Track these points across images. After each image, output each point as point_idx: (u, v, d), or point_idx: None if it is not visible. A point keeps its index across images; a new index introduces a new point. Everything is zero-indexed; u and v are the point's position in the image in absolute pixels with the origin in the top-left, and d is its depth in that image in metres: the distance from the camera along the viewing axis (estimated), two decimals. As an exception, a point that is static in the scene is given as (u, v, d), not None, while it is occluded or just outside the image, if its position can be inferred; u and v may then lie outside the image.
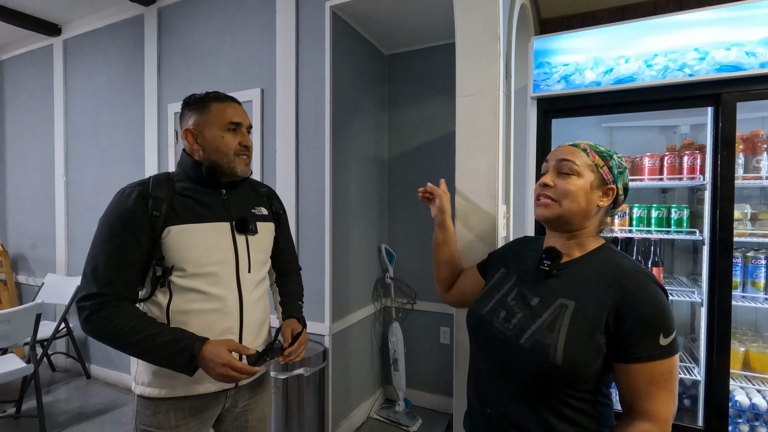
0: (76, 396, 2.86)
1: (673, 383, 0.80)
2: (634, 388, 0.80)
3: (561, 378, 0.82)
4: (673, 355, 0.79)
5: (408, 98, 2.78)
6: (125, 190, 1.04)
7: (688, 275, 2.18)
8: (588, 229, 0.92)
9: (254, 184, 1.29)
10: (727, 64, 1.58)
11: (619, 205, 0.95)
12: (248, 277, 1.14)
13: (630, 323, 0.79)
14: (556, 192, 0.90)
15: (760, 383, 1.77)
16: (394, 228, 2.84)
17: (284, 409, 2.06)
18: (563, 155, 0.92)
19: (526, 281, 0.96)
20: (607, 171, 0.90)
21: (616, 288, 0.82)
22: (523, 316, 0.89)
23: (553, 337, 0.82)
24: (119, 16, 2.89)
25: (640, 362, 0.79)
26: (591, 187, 0.89)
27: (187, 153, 1.13)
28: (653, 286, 0.82)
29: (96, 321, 0.96)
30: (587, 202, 0.89)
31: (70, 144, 3.20)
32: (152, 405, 1.06)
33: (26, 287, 3.53)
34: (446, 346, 2.69)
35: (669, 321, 0.80)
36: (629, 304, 0.80)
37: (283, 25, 2.28)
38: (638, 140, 2.27)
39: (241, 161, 1.13)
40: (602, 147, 0.94)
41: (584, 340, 0.81)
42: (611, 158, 0.91)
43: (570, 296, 0.86)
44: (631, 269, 0.85)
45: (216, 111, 1.10)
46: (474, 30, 1.43)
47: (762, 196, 1.99)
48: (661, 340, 0.78)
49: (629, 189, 0.97)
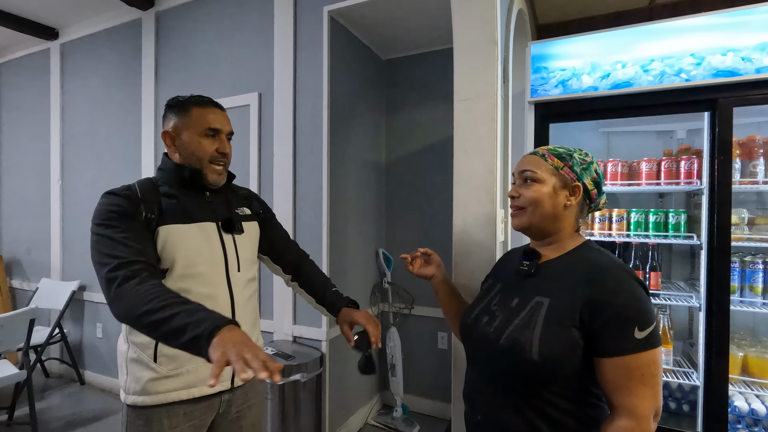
0: (70, 402, 2.82)
1: (652, 378, 0.78)
2: (611, 383, 0.80)
3: (540, 374, 0.82)
4: (650, 349, 0.78)
5: (406, 103, 2.78)
6: (112, 191, 1.02)
7: (686, 280, 2.18)
8: (564, 231, 0.95)
9: (233, 187, 1.28)
10: (723, 69, 1.59)
11: (595, 199, 0.95)
12: (238, 276, 1.14)
13: (604, 316, 0.79)
14: (523, 201, 0.95)
15: (758, 388, 1.76)
16: (391, 233, 2.84)
17: (280, 415, 2.04)
18: (523, 166, 0.97)
19: (508, 286, 0.99)
20: (568, 170, 0.93)
21: (590, 282, 0.83)
22: (503, 317, 0.92)
23: (529, 333, 0.84)
24: (117, 21, 2.88)
25: (615, 356, 0.78)
26: (554, 190, 0.93)
27: (168, 156, 1.13)
28: (628, 279, 0.82)
29: (132, 289, 0.86)
30: (553, 205, 0.92)
31: (66, 148, 3.18)
32: (144, 414, 1.04)
33: (20, 292, 3.50)
34: (444, 352, 2.68)
35: (644, 314, 0.79)
36: (602, 298, 0.80)
37: (281, 29, 2.28)
38: (635, 145, 2.28)
39: (212, 170, 1.11)
40: (562, 148, 0.97)
41: (559, 336, 0.82)
42: (571, 157, 0.94)
43: (546, 294, 0.88)
44: (605, 264, 0.86)
45: (196, 115, 1.09)
46: (472, 35, 1.43)
47: (759, 201, 2.00)
48: (636, 334, 0.77)
49: (623, 192, 0.97)
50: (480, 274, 1.21)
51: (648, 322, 0.79)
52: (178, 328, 0.80)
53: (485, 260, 1.37)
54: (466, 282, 1.39)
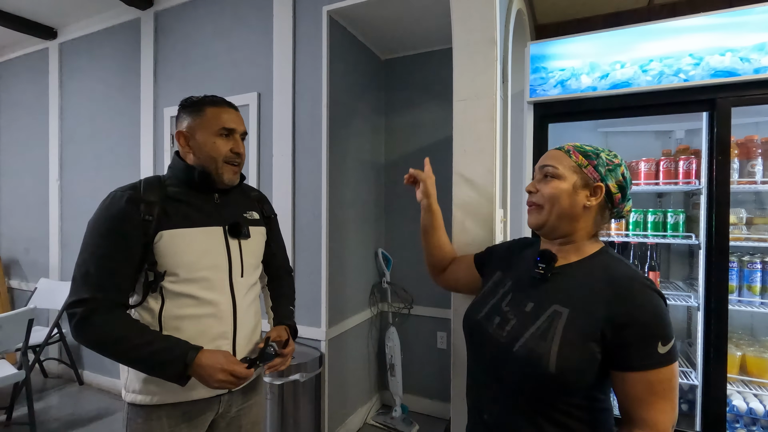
0: (69, 403, 2.82)
1: (672, 392, 0.78)
2: (632, 397, 0.79)
3: (554, 386, 0.81)
4: (672, 363, 0.78)
5: (405, 103, 2.78)
6: (116, 194, 1.02)
7: (685, 280, 2.18)
8: (581, 233, 0.91)
9: (245, 188, 1.28)
10: (721, 69, 1.59)
11: (618, 204, 0.91)
12: (241, 282, 1.13)
13: (627, 332, 0.78)
14: (540, 197, 0.92)
15: (756, 388, 1.76)
16: (390, 232, 2.84)
17: (280, 415, 2.04)
18: (545, 161, 0.94)
19: (521, 286, 0.95)
20: (592, 170, 0.89)
21: (612, 296, 0.81)
22: (517, 322, 0.88)
23: (546, 345, 0.81)
24: (116, 20, 2.88)
25: (638, 371, 0.77)
26: (574, 188, 0.89)
27: (180, 157, 1.12)
28: (651, 293, 0.80)
29: (87, 328, 0.95)
30: (571, 204, 0.88)
31: (65, 148, 3.18)
32: (144, 412, 1.04)
33: (19, 292, 3.49)
34: (443, 351, 2.68)
35: (667, 328, 0.78)
36: (626, 313, 0.78)
37: (280, 29, 2.28)
38: (634, 145, 2.28)
39: (228, 169, 1.11)
40: (589, 146, 0.93)
41: (578, 349, 0.80)
42: (597, 157, 0.90)
43: (564, 303, 0.85)
44: (627, 276, 0.83)
45: (210, 115, 1.09)
46: (471, 35, 1.43)
47: (757, 201, 2.00)
48: (660, 348, 0.77)
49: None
50: (479, 273, 1.20)
51: (670, 336, 0.78)
52: (151, 365, 0.97)
53: (484, 260, 1.37)
54: (465, 282, 1.39)
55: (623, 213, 0.94)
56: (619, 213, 0.93)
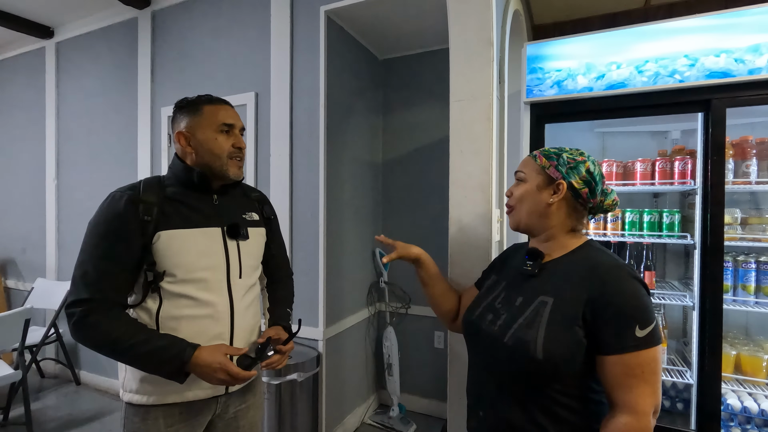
0: (66, 403, 2.81)
1: (652, 375, 0.80)
2: (612, 380, 0.81)
3: (543, 373, 0.84)
4: (651, 347, 0.79)
5: (402, 103, 2.79)
6: (115, 194, 1.03)
7: (680, 279, 2.19)
8: (555, 228, 0.96)
9: (246, 188, 1.29)
10: (716, 70, 1.60)
11: (589, 198, 0.94)
12: (239, 283, 1.13)
13: (605, 315, 0.81)
14: (513, 200, 1.01)
15: (751, 386, 1.78)
16: (388, 232, 2.84)
17: (277, 414, 2.04)
18: (518, 167, 1.03)
19: (513, 285, 1.00)
20: (553, 170, 0.95)
21: (592, 281, 0.84)
22: (507, 315, 0.93)
23: (533, 333, 0.85)
24: (113, 20, 2.87)
25: (616, 354, 0.80)
26: (538, 188, 0.96)
27: (179, 157, 1.12)
28: (629, 278, 0.83)
29: (85, 327, 0.95)
30: (535, 203, 0.96)
31: (62, 147, 3.17)
32: (141, 412, 1.05)
33: (15, 292, 3.48)
34: (441, 351, 2.69)
35: (645, 312, 0.81)
36: (604, 296, 0.82)
37: (278, 29, 2.28)
38: (630, 145, 2.29)
39: (233, 164, 1.12)
40: (554, 149, 0.99)
41: (563, 334, 0.83)
42: (559, 157, 0.96)
43: (549, 293, 0.89)
44: (607, 263, 0.87)
45: (209, 113, 1.09)
46: (468, 35, 1.44)
47: (752, 201, 2.02)
48: (637, 332, 0.79)
49: (617, 192, 0.98)
50: (476, 273, 1.21)
51: (648, 321, 0.80)
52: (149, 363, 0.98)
53: (481, 259, 1.38)
54: (461, 281, 1.40)
55: (605, 207, 0.97)
56: (597, 207, 0.97)
